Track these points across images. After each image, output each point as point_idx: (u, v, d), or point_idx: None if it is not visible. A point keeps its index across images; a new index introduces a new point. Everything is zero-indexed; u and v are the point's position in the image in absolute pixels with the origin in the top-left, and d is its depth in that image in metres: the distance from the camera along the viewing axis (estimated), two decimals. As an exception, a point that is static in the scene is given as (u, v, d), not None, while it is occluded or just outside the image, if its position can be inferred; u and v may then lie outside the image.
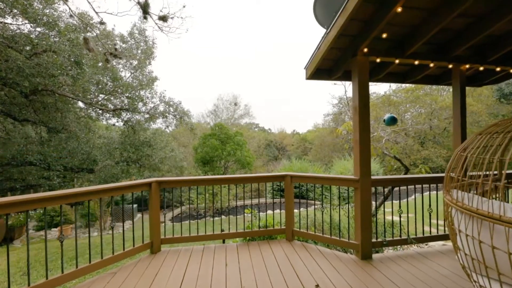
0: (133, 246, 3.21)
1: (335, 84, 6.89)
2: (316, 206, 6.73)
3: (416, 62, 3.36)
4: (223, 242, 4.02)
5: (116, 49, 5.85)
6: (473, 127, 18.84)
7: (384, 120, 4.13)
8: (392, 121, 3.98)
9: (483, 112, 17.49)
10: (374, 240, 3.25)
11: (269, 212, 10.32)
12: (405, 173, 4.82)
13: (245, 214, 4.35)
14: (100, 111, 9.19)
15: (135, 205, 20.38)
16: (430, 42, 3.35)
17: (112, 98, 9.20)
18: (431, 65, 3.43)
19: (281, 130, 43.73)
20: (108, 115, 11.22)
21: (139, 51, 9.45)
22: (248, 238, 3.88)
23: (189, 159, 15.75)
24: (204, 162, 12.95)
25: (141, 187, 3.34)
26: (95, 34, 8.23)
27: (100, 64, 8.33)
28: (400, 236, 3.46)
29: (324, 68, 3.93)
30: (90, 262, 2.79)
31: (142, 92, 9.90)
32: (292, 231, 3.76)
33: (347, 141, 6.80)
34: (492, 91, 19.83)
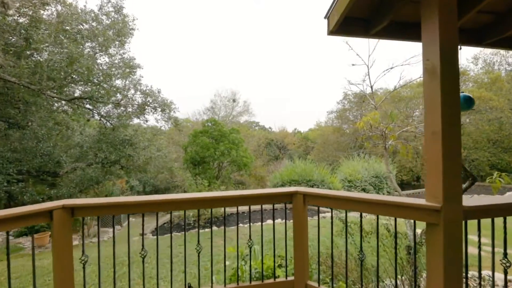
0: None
1: (353, 65, 5.35)
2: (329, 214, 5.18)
3: (539, -11, 1.82)
4: (190, 305, 2.50)
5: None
6: (493, 124, 17.28)
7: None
8: (467, 103, 2.44)
9: (505, 108, 15.90)
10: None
11: (269, 222, 8.79)
12: (471, 185, 3.36)
13: (242, 242, 2.85)
14: (55, 101, 7.60)
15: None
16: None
17: (72, 85, 7.62)
18: (560, -3, 1.90)
19: (282, 129, 42.23)
20: (84, 109, 9.71)
21: (114, 31, 7.82)
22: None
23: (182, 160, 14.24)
24: (194, 163, 11.42)
25: (30, 219, 1.82)
26: (57, 10, 6.73)
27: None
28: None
29: (357, 16, 2.41)
30: None
31: (119, 82, 8.36)
32: (306, 286, 2.25)
33: (368, 138, 5.28)
34: (513, 85, 18.23)
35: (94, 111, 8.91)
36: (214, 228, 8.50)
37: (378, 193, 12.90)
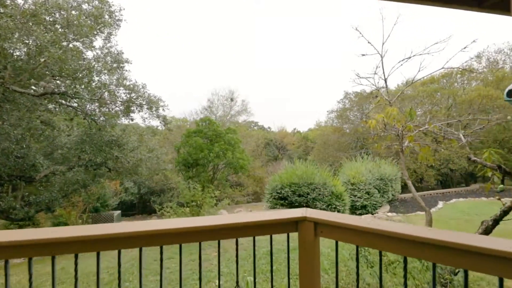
0: None
1: (363, 55, 4.68)
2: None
3: None
4: None
5: None
6: (499, 124, 16.64)
7: (508, 93, 1.91)
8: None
9: (514, 107, 15.28)
10: None
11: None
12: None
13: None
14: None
15: (118, 211, 18.16)
16: None
17: (53, 79, 6.79)
18: None
19: (281, 129, 41.69)
20: (69, 108, 8.99)
21: (92, 19, 6.98)
22: None
23: (174, 162, 13.45)
24: (187, 165, 10.67)
25: None
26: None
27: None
28: None
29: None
30: None
31: (105, 77, 7.60)
32: None
33: (380, 139, 4.60)
34: (521, 83, 17.64)
35: (78, 110, 8.17)
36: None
37: (382, 196, 12.24)
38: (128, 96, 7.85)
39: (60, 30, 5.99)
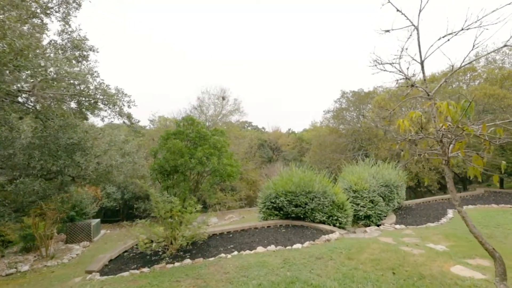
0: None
1: (387, 31, 3.43)
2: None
3: None
4: None
5: None
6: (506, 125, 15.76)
7: None
8: None
9: (521, 106, 14.39)
10: None
11: (259, 250, 6.77)
12: None
13: None
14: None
15: (97, 220, 16.46)
16: None
17: None
18: None
19: (276, 129, 40.48)
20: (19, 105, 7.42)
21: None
22: None
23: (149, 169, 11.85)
24: (164, 173, 9.09)
25: None
26: None
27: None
28: None
29: None
30: None
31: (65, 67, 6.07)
32: None
33: (405, 144, 3.34)
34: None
35: (29, 107, 6.64)
36: (187, 261, 6.38)
37: (388, 205, 11.07)
38: (78, 88, 6.26)
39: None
